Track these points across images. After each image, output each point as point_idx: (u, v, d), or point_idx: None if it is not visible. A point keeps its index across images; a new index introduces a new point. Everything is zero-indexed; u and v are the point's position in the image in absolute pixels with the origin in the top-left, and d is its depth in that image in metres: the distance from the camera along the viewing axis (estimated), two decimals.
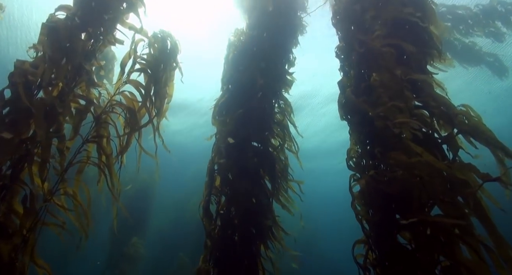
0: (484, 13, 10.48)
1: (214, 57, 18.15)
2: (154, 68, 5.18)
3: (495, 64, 12.89)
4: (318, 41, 14.47)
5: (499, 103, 22.80)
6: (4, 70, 14.71)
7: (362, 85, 4.73)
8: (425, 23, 5.34)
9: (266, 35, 6.39)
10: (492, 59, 12.84)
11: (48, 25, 3.93)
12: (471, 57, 11.43)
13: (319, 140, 29.04)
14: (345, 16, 5.40)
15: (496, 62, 12.94)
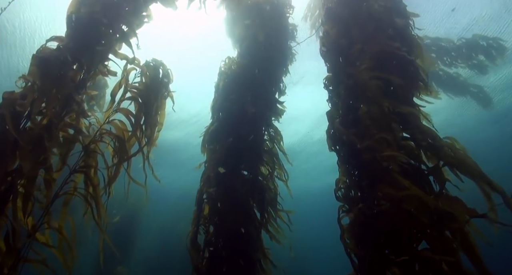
0: (466, 46, 10.92)
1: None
2: (145, 97, 5.21)
3: (480, 95, 13.32)
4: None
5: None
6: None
7: (350, 117, 4.81)
8: (411, 56, 5.53)
9: (256, 64, 6.51)
10: (476, 90, 13.32)
11: (39, 56, 3.95)
12: (456, 87, 11.80)
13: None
14: (333, 49, 5.55)
15: (481, 93, 13.37)
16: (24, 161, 3.16)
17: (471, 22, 11.82)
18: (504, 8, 11.15)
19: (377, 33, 5.46)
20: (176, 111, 5.81)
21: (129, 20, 5.21)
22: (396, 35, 5.51)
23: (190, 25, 14.62)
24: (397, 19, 5.68)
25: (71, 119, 4.24)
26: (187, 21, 14.13)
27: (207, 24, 13.68)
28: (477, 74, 11.67)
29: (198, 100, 18.52)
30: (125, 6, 5.27)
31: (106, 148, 4.47)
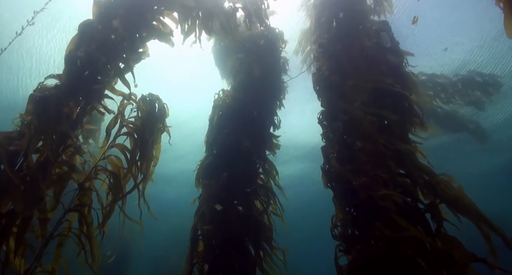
0: (463, 82, 11.13)
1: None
2: (141, 132, 5.21)
3: (477, 131, 13.53)
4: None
5: None
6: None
7: (345, 153, 4.86)
8: (405, 92, 5.66)
9: (250, 98, 6.59)
10: (473, 126, 13.57)
11: (36, 95, 3.97)
12: (453, 124, 11.98)
13: None
14: (326, 85, 5.67)
15: (478, 129, 13.65)
16: (17, 203, 3.10)
17: (466, 58, 12.32)
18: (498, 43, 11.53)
19: (371, 70, 5.61)
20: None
21: (126, 57, 5.29)
22: (390, 72, 5.66)
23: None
24: (390, 56, 5.86)
25: (67, 156, 4.21)
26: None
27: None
28: (474, 110, 11.88)
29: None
30: (123, 44, 5.36)
31: (101, 186, 4.41)
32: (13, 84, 14.62)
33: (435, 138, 13.07)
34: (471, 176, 25.27)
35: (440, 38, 12.07)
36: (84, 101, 4.54)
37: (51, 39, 12.86)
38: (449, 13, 11.34)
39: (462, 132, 13.22)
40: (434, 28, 11.82)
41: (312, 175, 23.20)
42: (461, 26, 11.59)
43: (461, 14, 11.26)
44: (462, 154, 21.55)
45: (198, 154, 6.57)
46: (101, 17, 5.36)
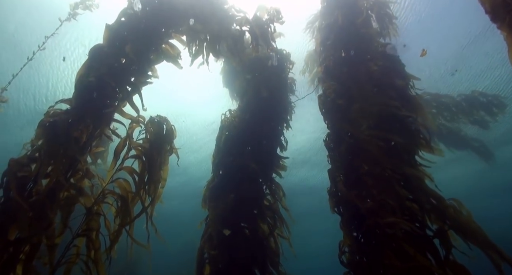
0: (466, 102, 11.13)
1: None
2: (149, 154, 5.26)
3: (481, 149, 13.51)
4: None
5: None
6: None
7: (352, 177, 4.85)
8: (412, 115, 5.66)
9: (257, 119, 6.63)
10: (478, 144, 13.43)
11: (46, 120, 4.05)
12: (457, 141, 11.93)
13: None
14: (332, 108, 5.70)
15: (482, 147, 13.60)
16: (24, 230, 3.13)
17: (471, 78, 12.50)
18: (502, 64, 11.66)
19: (377, 93, 5.64)
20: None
21: (135, 80, 5.39)
22: (396, 95, 5.67)
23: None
24: (396, 79, 5.89)
25: (76, 179, 4.26)
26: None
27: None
28: (478, 129, 11.83)
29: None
30: (132, 67, 5.47)
31: (109, 209, 4.44)
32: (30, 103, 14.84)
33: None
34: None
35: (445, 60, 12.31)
36: (93, 125, 4.62)
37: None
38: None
39: (466, 150, 13.15)
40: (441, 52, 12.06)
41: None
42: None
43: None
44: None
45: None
46: (111, 42, 5.49)
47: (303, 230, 30.43)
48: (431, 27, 11.36)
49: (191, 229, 10.19)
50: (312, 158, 20.79)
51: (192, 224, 7.40)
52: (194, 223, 6.88)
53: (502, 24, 3.26)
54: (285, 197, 6.18)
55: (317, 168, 22.13)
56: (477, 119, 11.25)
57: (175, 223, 26.66)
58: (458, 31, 11.24)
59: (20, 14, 10.80)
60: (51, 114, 4.31)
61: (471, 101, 11.18)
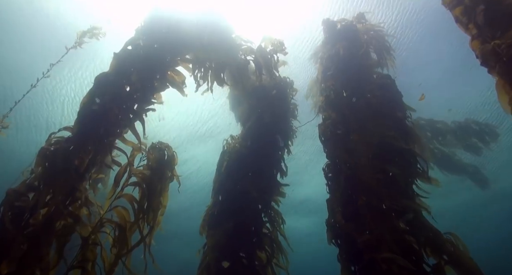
0: (460, 129, 11.32)
1: None
2: (149, 181, 5.31)
3: (476, 175, 13.51)
4: None
5: None
6: None
7: (350, 208, 4.84)
8: (409, 145, 5.69)
9: (259, 146, 6.68)
10: (472, 169, 13.40)
11: (46, 148, 4.14)
12: (452, 166, 11.96)
13: None
14: (331, 138, 5.75)
15: (477, 172, 13.62)
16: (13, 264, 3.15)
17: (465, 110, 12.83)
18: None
19: (375, 124, 5.69)
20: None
21: (138, 108, 5.50)
22: (394, 125, 5.73)
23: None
24: (394, 110, 5.95)
25: (74, 208, 4.31)
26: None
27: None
28: (472, 155, 11.91)
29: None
30: (136, 95, 5.59)
31: (106, 238, 4.47)
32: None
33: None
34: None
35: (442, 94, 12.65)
36: (94, 152, 4.69)
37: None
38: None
39: (461, 175, 13.12)
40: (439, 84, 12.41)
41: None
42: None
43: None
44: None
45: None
46: (117, 69, 5.64)
47: (302, 255, 29.91)
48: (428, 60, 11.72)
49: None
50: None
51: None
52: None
53: (492, 70, 3.33)
54: (284, 224, 6.15)
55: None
56: (470, 145, 11.36)
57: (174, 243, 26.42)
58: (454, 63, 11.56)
59: (24, 40, 11.13)
60: (52, 142, 4.41)
61: (465, 129, 11.36)
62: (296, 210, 22.99)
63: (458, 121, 11.50)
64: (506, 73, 3.25)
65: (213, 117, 15.33)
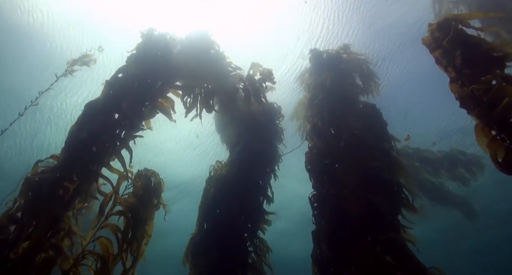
0: (447, 159, 11.49)
1: None
2: (134, 209, 5.26)
3: (464, 207, 13.65)
4: None
5: None
6: None
7: (335, 241, 4.87)
8: (394, 176, 5.79)
9: (246, 173, 6.71)
10: (460, 200, 13.46)
11: (31, 178, 4.10)
12: (440, 197, 12.04)
13: None
14: (317, 167, 5.82)
15: (465, 204, 13.67)
16: None
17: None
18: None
19: (359, 153, 5.79)
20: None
21: (126, 135, 5.50)
22: (378, 155, 5.84)
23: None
24: (379, 140, 6.08)
25: (57, 239, 4.23)
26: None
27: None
28: (460, 186, 12.00)
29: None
30: (125, 122, 5.60)
31: (88, 271, 4.37)
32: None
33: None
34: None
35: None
36: (80, 182, 4.65)
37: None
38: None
39: (449, 206, 13.20)
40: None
41: None
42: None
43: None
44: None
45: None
46: (107, 97, 5.66)
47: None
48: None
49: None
50: None
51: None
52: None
53: (471, 113, 3.48)
54: (270, 253, 6.13)
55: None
56: (458, 176, 11.49)
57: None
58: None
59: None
60: (38, 172, 4.37)
61: (451, 158, 11.53)
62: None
63: (445, 151, 11.70)
64: (484, 117, 3.39)
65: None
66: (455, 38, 4.05)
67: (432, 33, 4.44)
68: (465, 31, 4.19)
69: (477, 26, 4.19)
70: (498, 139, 3.24)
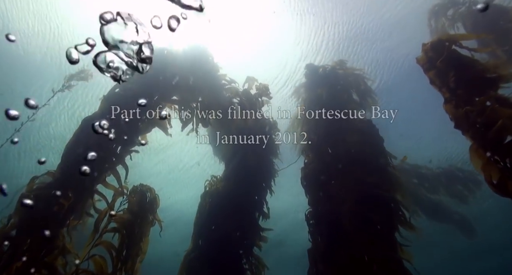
0: (445, 175, 11.45)
1: None
2: (129, 226, 5.21)
3: (463, 223, 13.47)
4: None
5: None
6: None
7: (332, 260, 4.84)
8: (391, 192, 5.78)
9: (242, 188, 6.68)
10: (458, 217, 13.32)
11: (26, 195, 4.07)
12: (439, 213, 11.94)
13: None
14: (313, 183, 5.81)
15: (463, 221, 13.50)
16: None
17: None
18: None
19: (356, 169, 5.79)
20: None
21: (121, 151, 5.50)
22: (375, 172, 5.84)
23: None
24: (375, 156, 6.09)
25: (50, 258, 4.18)
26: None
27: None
28: (458, 202, 11.87)
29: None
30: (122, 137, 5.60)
31: None
32: None
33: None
34: None
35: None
36: (75, 198, 4.62)
37: None
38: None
39: (448, 223, 13.06)
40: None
41: None
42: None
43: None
44: None
45: None
46: (104, 112, 5.67)
47: None
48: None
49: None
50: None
51: None
52: None
53: (466, 134, 3.51)
54: (266, 270, 6.07)
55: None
56: (456, 192, 11.38)
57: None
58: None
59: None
60: (33, 189, 4.34)
61: (449, 175, 11.43)
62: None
63: (442, 167, 11.65)
64: (478, 138, 3.43)
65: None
66: (448, 59, 4.12)
67: (426, 53, 4.50)
68: (458, 51, 4.26)
69: (471, 47, 4.26)
70: (492, 160, 3.27)
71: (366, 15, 10.23)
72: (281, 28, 10.69)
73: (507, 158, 3.19)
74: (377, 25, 10.65)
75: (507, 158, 3.19)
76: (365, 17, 10.35)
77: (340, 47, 11.11)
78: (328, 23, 10.40)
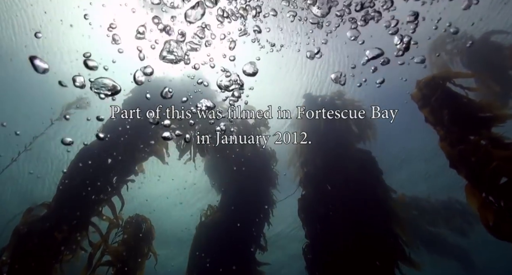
0: (444, 207, 11.35)
1: None
2: (124, 259, 5.14)
3: (463, 258, 13.28)
4: None
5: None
6: None
7: None
8: (390, 226, 5.70)
9: (238, 219, 6.60)
10: (458, 252, 13.05)
11: (20, 228, 4.04)
12: (438, 247, 11.75)
13: None
14: (310, 215, 5.75)
15: (463, 256, 13.30)
16: None
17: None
18: None
19: (354, 202, 5.74)
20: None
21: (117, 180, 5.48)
22: (374, 205, 5.79)
23: None
24: (374, 188, 6.05)
25: None
26: None
27: None
28: (458, 236, 11.67)
29: None
30: (119, 167, 5.61)
31: None
32: None
33: None
34: None
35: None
36: (69, 231, 4.58)
37: None
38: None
39: (447, 257, 12.80)
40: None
41: None
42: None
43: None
44: None
45: None
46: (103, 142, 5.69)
47: None
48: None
49: None
50: None
51: None
52: None
53: (461, 173, 3.51)
54: None
55: None
56: (456, 226, 11.21)
57: None
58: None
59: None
60: (28, 221, 4.30)
61: (449, 207, 11.26)
62: None
63: (442, 200, 11.55)
64: (473, 178, 3.42)
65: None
66: (442, 97, 4.16)
67: (420, 90, 4.56)
68: (452, 89, 4.31)
69: (465, 85, 4.31)
70: (488, 201, 3.25)
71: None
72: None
73: (501, 200, 3.17)
74: None
75: (502, 199, 3.18)
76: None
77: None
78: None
